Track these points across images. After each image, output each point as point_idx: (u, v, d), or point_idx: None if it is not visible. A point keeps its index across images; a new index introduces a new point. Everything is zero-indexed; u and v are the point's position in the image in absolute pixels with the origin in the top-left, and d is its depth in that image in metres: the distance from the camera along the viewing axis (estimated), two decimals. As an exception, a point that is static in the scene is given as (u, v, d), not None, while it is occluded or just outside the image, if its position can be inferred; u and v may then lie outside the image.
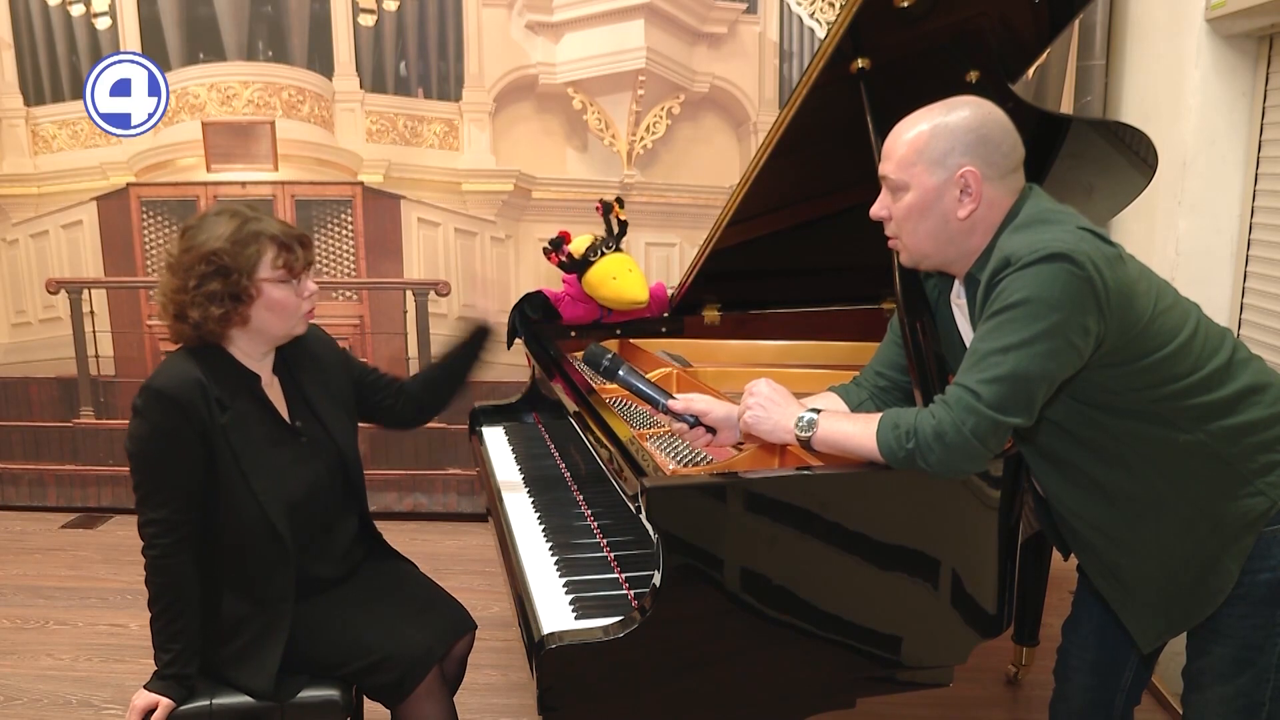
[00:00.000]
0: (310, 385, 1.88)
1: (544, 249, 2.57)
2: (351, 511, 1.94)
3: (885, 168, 1.54)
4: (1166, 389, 1.44)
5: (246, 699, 1.71)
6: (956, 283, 1.62)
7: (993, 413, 1.37)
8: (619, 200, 2.59)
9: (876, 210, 1.57)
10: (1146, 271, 1.49)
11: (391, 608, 1.84)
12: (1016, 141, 1.51)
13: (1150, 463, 1.47)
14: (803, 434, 1.53)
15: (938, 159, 1.48)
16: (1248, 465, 1.45)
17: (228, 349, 1.77)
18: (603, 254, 2.51)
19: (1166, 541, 1.50)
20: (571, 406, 1.97)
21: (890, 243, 1.60)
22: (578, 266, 2.53)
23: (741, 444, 1.74)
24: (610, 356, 1.81)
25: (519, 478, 2.26)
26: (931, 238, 1.52)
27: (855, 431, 1.49)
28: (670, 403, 1.72)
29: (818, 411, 1.54)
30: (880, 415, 1.48)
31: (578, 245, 2.54)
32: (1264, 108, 2.46)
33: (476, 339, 2.12)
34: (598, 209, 2.59)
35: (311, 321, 1.86)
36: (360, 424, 2.00)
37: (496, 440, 2.53)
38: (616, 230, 2.57)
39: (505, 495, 2.16)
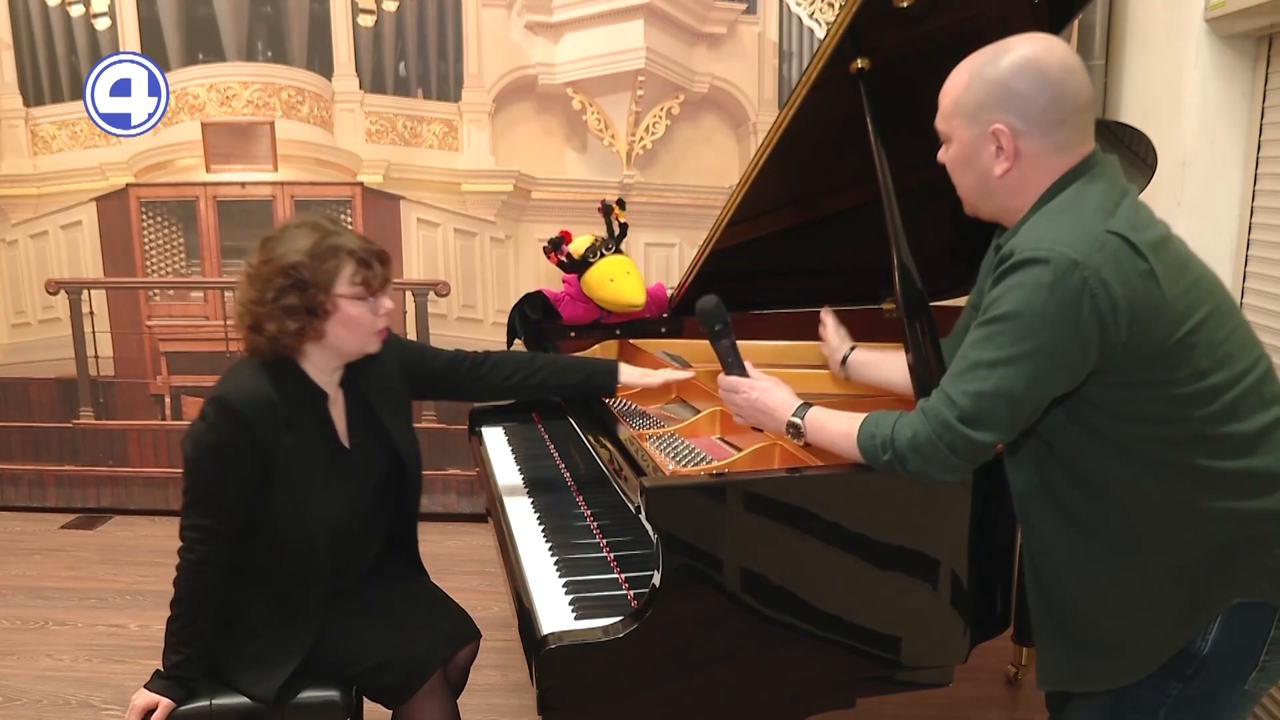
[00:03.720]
0: (375, 398, 1.86)
1: (544, 248, 2.57)
2: (384, 529, 1.92)
3: (937, 118, 1.47)
4: (1185, 434, 1.31)
5: (246, 700, 1.70)
6: None
7: (968, 429, 1.33)
8: (620, 202, 2.59)
9: (940, 156, 1.50)
10: (1198, 295, 1.32)
11: (396, 611, 1.84)
12: (1060, 94, 1.34)
13: (1153, 520, 1.35)
14: (796, 430, 1.56)
15: (972, 113, 1.39)
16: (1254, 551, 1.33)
17: (300, 363, 1.75)
18: (602, 255, 2.51)
19: (1135, 594, 1.37)
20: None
21: None
22: (577, 267, 2.53)
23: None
24: (725, 322, 1.68)
25: (519, 478, 2.25)
26: (975, 191, 1.46)
27: (840, 434, 1.50)
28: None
29: (809, 406, 1.56)
30: (863, 418, 1.47)
31: (577, 245, 2.55)
32: (1264, 108, 2.46)
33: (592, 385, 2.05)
34: (599, 210, 2.59)
35: None
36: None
37: (496, 441, 2.52)
38: (617, 232, 2.57)
39: (505, 496, 2.16)
